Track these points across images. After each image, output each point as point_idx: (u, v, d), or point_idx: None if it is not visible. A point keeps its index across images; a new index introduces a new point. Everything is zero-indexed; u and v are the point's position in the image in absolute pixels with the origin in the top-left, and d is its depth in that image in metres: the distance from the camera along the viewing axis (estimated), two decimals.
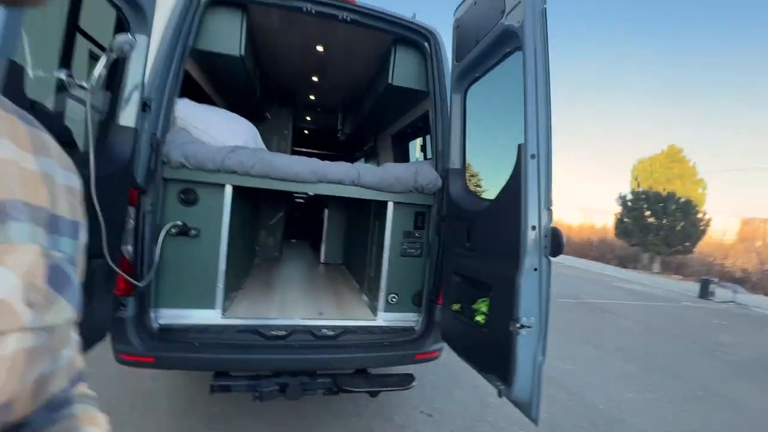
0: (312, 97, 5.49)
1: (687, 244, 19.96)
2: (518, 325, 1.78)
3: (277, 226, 5.14)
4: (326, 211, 5.36)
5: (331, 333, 2.69)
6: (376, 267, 3.33)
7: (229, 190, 2.66)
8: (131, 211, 2.29)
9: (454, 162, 2.74)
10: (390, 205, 2.99)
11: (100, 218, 1.77)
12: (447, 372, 4.11)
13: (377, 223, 3.41)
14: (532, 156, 1.84)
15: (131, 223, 2.29)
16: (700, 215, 20.09)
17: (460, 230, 2.52)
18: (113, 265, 1.89)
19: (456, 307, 2.44)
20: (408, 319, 3.04)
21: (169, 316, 2.58)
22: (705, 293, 12.77)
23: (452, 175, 2.71)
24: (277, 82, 4.84)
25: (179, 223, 2.58)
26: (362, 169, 2.76)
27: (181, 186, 2.59)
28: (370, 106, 4.36)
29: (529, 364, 1.83)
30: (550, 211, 1.85)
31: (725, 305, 11.80)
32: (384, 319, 2.99)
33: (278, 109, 5.56)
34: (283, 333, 2.59)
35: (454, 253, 2.54)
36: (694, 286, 13.93)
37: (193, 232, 2.56)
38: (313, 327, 2.72)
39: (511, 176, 2.01)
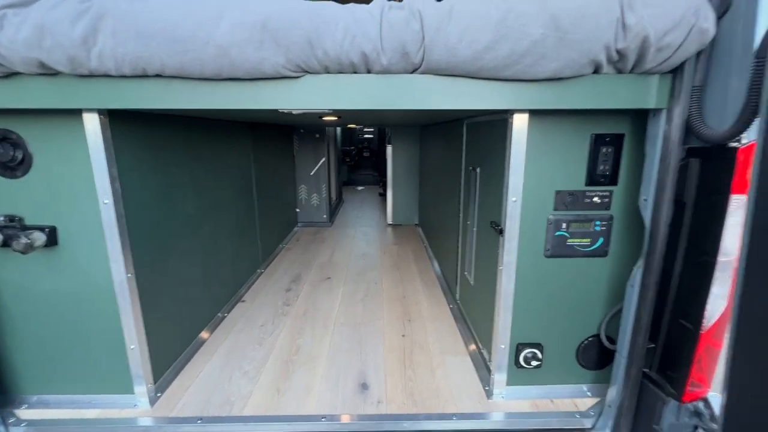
0: None
1: None
2: None
3: (320, 178, 3.54)
4: (389, 149, 3.55)
5: None
6: (479, 273, 1.52)
7: (93, 124, 1.04)
8: None
9: None
10: (518, 123, 1.08)
11: None
12: None
13: (477, 172, 1.52)
14: None
15: None
16: None
17: None
18: None
19: None
20: (572, 406, 1.25)
21: (40, 411, 1.21)
22: None
23: None
24: None
25: (1, 219, 1.08)
26: (433, 10, 0.85)
27: None
28: None
29: None
30: None
31: None
32: (507, 408, 1.25)
33: None
34: None
35: None
36: None
37: (25, 240, 1.04)
38: None
39: None
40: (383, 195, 5.51)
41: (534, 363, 1.24)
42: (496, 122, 1.24)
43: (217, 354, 1.54)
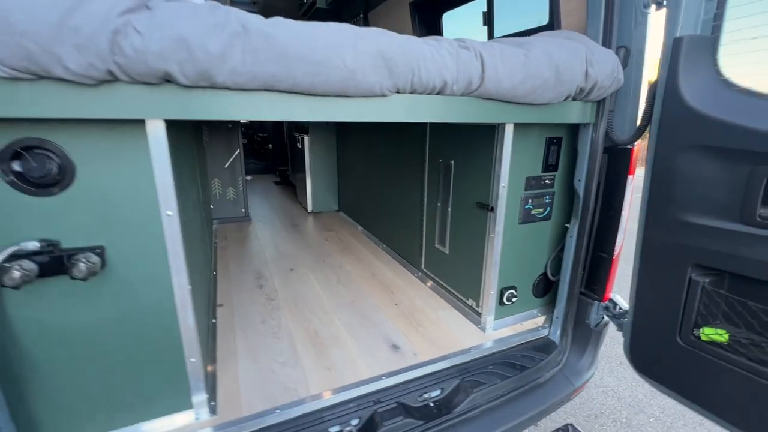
0: None
1: None
2: None
3: (236, 170, 3.35)
4: (306, 139, 3.61)
5: (436, 394, 1.40)
6: (458, 243, 1.93)
7: (158, 131, 0.97)
8: None
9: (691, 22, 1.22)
10: (508, 131, 1.51)
11: None
12: None
13: (451, 164, 1.91)
14: None
15: None
16: None
17: (711, 179, 1.17)
18: None
19: (716, 335, 1.22)
20: (533, 324, 1.82)
21: None
22: None
23: (691, 50, 1.21)
24: None
25: (35, 245, 0.91)
26: (489, 53, 1.16)
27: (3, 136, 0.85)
28: None
29: None
30: None
31: None
32: (497, 336, 1.73)
33: None
34: (354, 426, 1.24)
35: (692, 226, 1.22)
36: None
37: (86, 263, 0.92)
38: (402, 388, 1.39)
39: None
40: (280, 184, 5.43)
41: (513, 300, 1.75)
42: (482, 127, 1.64)
43: (240, 356, 1.54)
